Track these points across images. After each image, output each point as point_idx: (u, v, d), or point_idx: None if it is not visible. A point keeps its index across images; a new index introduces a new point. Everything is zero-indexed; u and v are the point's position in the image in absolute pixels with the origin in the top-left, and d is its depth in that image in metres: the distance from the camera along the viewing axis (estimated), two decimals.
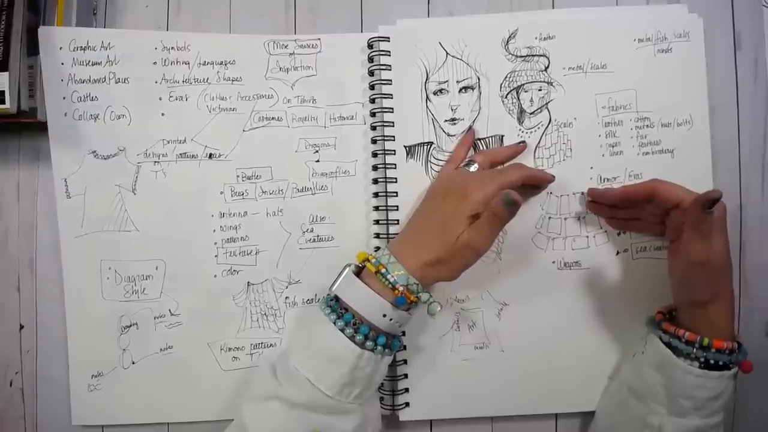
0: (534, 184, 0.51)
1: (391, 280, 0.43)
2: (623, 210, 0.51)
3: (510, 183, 0.45)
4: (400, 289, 0.43)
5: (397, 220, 0.52)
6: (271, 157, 0.53)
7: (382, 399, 0.53)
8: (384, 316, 0.43)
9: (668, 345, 0.46)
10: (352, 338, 0.43)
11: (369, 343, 0.43)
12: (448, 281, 0.45)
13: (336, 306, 0.44)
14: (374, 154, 0.53)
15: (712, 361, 0.44)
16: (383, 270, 0.44)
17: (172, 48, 0.52)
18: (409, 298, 0.43)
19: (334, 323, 0.43)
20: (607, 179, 0.53)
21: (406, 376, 0.52)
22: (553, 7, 0.55)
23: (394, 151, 0.53)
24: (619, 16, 0.54)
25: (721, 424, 0.46)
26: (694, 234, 0.43)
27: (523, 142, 0.52)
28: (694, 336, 0.44)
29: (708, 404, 0.44)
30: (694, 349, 0.44)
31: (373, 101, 0.53)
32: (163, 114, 0.53)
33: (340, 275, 0.46)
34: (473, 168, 0.49)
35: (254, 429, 0.43)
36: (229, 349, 0.53)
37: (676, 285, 0.47)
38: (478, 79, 0.53)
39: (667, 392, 0.45)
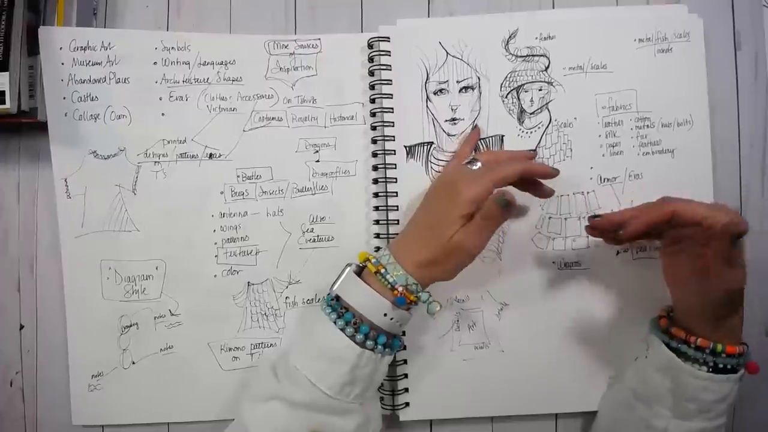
0: (536, 180, 0.49)
1: (390, 280, 0.43)
2: None
3: (503, 179, 0.44)
4: (399, 289, 0.43)
5: (397, 220, 0.52)
6: (271, 157, 0.53)
7: (382, 399, 0.53)
8: (385, 315, 0.43)
9: (674, 349, 0.45)
10: (352, 337, 0.43)
11: (369, 343, 0.43)
12: (446, 281, 0.45)
13: (337, 305, 0.44)
14: (374, 154, 0.53)
15: (720, 365, 0.44)
16: (382, 270, 0.43)
17: (173, 48, 0.52)
18: (408, 298, 0.43)
19: (335, 322, 0.43)
20: (607, 179, 0.53)
21: (406, 375, 0.52)
22: (553, 7, 0.55)
23: (395, 151, 0.53)
24: (619, 16, 0.54)
25: (724, 425, 0.45)
26: (723, 262, 0.42)
27: (534, 150, 0.52)
28: (707, 342, 0.44)
29: (714, 407, 0.44)
30: (704, 355, 0.44)
31: (373, 101, 0.53)
32: (163, 114, 0.53)
33: (341, 275, 0.46)
34: (476, 166, 0.47)
35: (255, 429, 0.43)
36: (229, 349, 0.53)
37: (703, 304, 0.45)
38: (479, 79, 0.53)
39: (673, 396, 0.45)
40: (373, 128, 0.53)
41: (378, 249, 0.53)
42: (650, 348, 0.48)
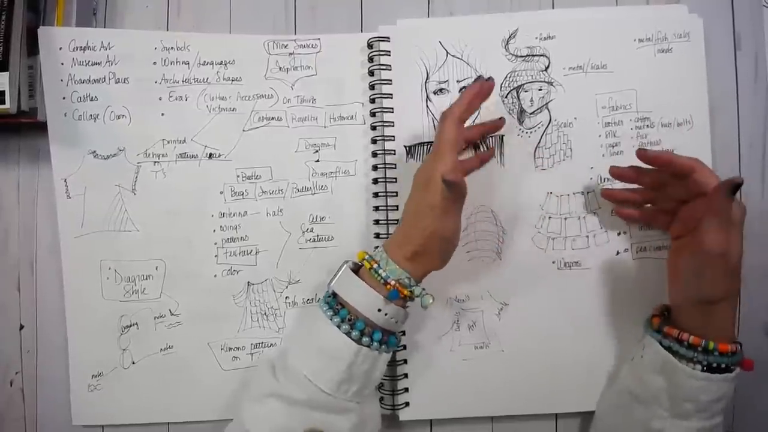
0: (489, 133, 0.52)
1: (383, 275, 0.43)
2: (641, 192, 0.50)
3: (449, 140, 0.43)
4: (392, 283, 0.43)
5: (397, 220, 0.52)
6: (271, 157, 0.53)
7: (382, 399, 0.53)
8: (379, 310, 0.43)
9: (668, 348, 0.45)
10: (348, 334, 0.43)
11: (365, 339, 0.43)
12: (437, 270, 0.45)
13: (333, 302, 0.45)
14: (374, 154, 0.53)
15: (714, 364, 0.43)
16: (375, 265, 0.44)
17: (172, 48, 0.52)
18: (402, 292, 0.43)
19: (331, 319, 0.43)
20: (607, 179, 0.53)
21: (406, 375, 0.53)
22: (553, 7, 0.55)
23: (394, 150, 0.53)
24: (619, 16, 0.54)
25: (721, 424, 0.45)
26: (714, 223, 0.42)
27: (501, 118, 0.52)
28: (698, 340, 0.43)
29: (710, 406, 0.44)
30: (696, 353, 0.44)
31: (373, 101, 0.53)
32: (163, 114, 0.53)
33: (337, 272, 0.46)
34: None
35: (254, 427, 0.43)
36: (230, 348, 0.53)
37: (688, 279, 0.45)
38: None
39: (670, 396, 0.45)
40: (373, 128, 0.53)
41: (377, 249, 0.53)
42: (646, 348, 0.48)
